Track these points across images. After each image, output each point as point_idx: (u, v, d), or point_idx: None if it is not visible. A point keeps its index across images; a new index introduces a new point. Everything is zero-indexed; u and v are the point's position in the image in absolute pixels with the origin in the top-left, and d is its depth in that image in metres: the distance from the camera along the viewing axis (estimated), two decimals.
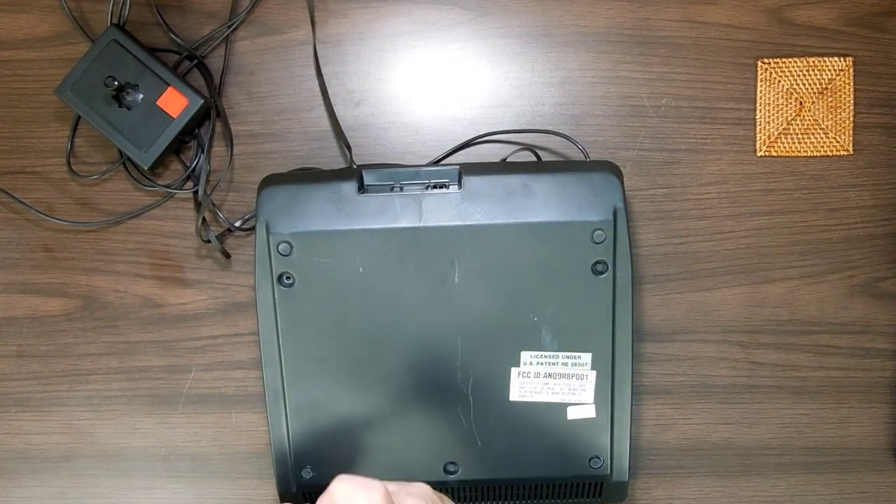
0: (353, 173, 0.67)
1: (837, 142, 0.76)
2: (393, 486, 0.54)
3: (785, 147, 0.76)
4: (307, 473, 0.69)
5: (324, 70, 0.75)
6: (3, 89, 0.75)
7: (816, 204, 0.77)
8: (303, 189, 0.67)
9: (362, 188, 0.67)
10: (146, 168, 0.73)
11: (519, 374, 0.68)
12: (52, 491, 0.79)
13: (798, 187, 0.76)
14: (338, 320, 0.67)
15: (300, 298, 0.67)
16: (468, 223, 0.66)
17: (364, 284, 0.67)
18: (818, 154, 0.76)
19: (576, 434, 0.69)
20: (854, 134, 0.76)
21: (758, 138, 0.76)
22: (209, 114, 0.74)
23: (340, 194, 0.66)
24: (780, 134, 0.76)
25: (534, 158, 0.74)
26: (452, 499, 0.71)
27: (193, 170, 0.75)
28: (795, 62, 0.76)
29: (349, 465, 0.69)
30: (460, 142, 0.75)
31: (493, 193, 0.66)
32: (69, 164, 0.75)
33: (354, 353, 0.68)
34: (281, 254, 0.66)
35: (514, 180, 0.66)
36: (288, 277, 0.67)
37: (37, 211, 0.76)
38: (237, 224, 0.75)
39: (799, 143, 0.76)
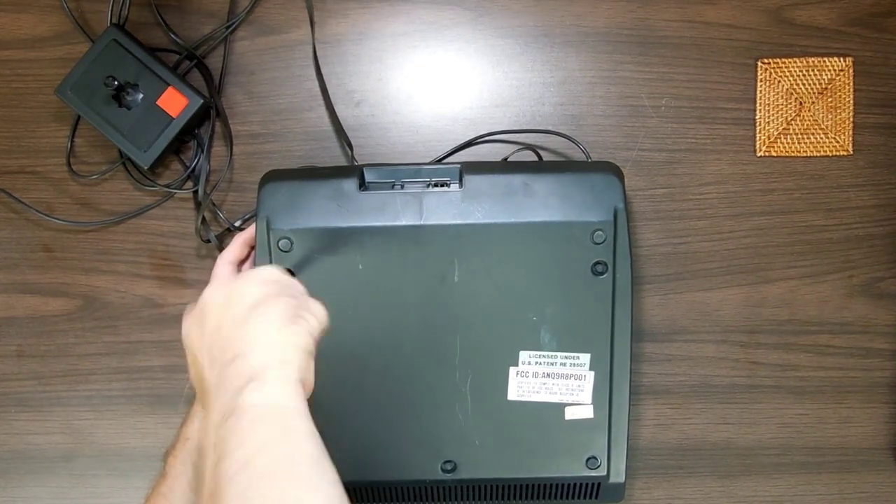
0: (354, 171, 0.67)
1: (837, 142, 0.76)
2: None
3: (785, 147, 0.76)
4: None
5: (324, 70, 0.75)
6: (3, 89, 0.75)
7: (816, 204, 0.77)
8: (304, 186, 0.67)
9: (363, 185, 0.67)
10: (146, 168, 0.73)
11: (517, 374, 0.68)
12: (52, 491, 0.79)
13: (798, 187, 0.76)
14: (337, 317, 0.67)
15: None
16: (468, 222, 0.66)
17: (364, 282, 0.67)
18: (818, 154, 0.76)
19: (573, 434, 0.69)
20: (854, 134, 0.76)
21: (758, 138, 0.76)
22: (209, 114, 0.74)
23: (341, 191, 0.66)
24: (779, 134, 0.76)
25: (535, 158, 0.74)
26: (452, 498, 0.71)
27: (193, 170, 0.75)
28: (795, 62, 0.76)
29: (347, 462, 0.69)
30: (461, 142, 0.75)
31: (494, 193, 0.66)
32: (69, 164, 0.76)
33: (352, 350, 0.68)
34: (281, 250, 0.66)
35: (515, 180, 0.66)
36: None
37: (37, 211, 0.76)
38: (237, 224, 0.75)
39: (799, 143, 0.76)
